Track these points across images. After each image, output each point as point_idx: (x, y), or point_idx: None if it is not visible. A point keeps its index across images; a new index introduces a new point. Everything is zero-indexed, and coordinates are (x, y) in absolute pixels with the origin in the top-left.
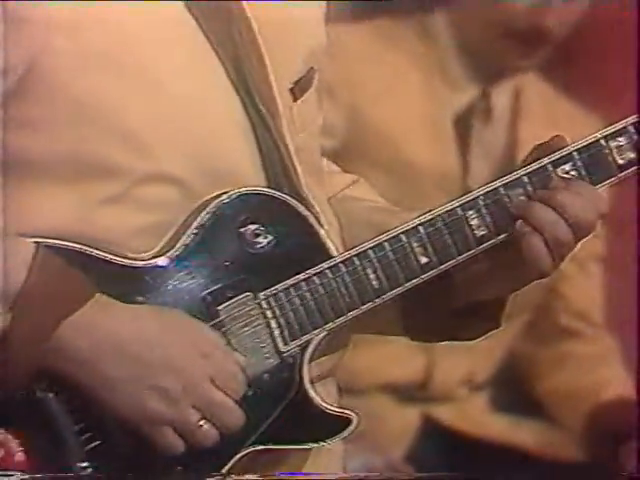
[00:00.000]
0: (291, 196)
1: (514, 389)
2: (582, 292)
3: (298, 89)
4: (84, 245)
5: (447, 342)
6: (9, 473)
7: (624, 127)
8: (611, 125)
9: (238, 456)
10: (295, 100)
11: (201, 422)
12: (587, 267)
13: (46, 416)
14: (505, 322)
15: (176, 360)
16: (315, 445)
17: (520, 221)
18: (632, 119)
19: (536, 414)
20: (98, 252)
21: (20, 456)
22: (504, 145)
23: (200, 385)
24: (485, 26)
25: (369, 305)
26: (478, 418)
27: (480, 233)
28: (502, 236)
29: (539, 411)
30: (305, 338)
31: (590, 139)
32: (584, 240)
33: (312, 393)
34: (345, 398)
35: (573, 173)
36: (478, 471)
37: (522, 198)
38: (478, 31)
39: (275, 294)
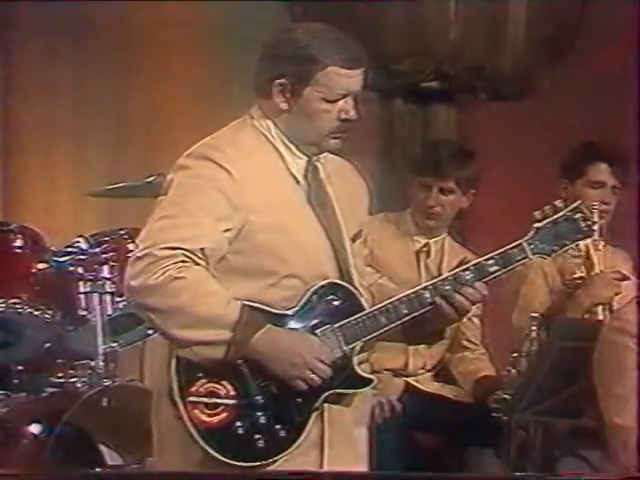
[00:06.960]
0: (349, 284)
1: (443, 371)
2: (470, 329)
3: (355, 237)
4: (261, 304)
5: (422, 345)
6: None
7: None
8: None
9: (326, 394)
10: (353, 242)
11: (312, 375)
12: (472, 319)
13: (243, 376)
14: (445, 338)
15: (302, 352)
16: (359, 390)
17: (439, 298)
18: (483, 258)
19: (452, 382)
20: (266, 307)
21: (232, 393)
22: (436, 269)
23: (312, 361)
24: (423, 217)
25: (380, 331)
26: (428, 384)
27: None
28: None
29: (454, 381)
30: (354, 344)
31: (482, 258)
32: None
33: (357, 368)
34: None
35: (467, 273)
36: (427, 407)
37: (450, 287)
38: (421, 220)
39: (341, 325)
